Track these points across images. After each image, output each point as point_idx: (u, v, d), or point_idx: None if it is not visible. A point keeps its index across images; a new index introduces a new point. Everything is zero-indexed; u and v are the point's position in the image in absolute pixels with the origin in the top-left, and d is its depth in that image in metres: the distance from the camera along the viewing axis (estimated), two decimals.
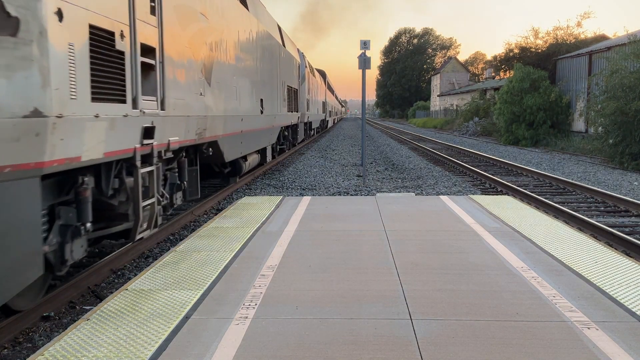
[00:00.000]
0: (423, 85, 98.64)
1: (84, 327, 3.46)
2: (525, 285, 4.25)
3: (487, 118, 41.57)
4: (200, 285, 4.28)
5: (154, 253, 7.13)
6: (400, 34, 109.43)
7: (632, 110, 18.43)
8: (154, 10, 5.70)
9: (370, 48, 13.62)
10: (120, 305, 3.85)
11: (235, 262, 4.95)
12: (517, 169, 16.71)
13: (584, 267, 4.70)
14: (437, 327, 3.45)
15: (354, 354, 3.08)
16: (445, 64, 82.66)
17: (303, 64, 24.62)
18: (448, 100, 66.82)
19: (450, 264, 4.83)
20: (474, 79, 79.16)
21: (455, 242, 5.64)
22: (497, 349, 3.13)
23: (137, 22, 5.17)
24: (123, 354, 3.07)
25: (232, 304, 3.87)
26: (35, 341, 4.44)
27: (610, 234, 7.68)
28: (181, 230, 8.40)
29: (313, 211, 7.47)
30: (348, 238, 5.87)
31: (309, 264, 4.88)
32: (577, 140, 26.70)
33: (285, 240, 5.78)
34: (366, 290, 4.16)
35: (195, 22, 7.19)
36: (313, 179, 14.59)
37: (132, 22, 5.09)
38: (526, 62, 33.61)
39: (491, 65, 54.47)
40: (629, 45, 20.87)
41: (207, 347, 3.17)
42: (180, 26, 6.56)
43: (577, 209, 10.02)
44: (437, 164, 19.42)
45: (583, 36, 37.30)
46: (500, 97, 32.63)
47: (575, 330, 3.38)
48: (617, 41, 26.88)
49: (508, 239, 5.77)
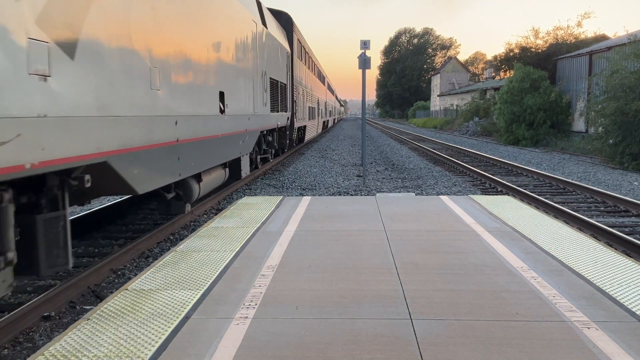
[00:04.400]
0: (423, 85, 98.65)
1: (84, 327, 3.46)
2: (525, 285, 4.25)
3: (487, 118, 41.58)
4: (201, 285, 4.28)
5: (154, 253, 7.13)
6: (400, 34, 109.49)
7: (632, 110, 18.44)
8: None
9: (370, 48, 13.62)
10: (121, 305, 3.86)
11: (235, 262, 4.95)
12: (517, 169, 16.71)
13: (584, 267, 4.70)
14: (437, 327, 3.45)
15: (354, 354, 3.08)
16: (446, 64, 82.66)
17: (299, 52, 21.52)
18: (448, 100, 66.80)
19: (450, 264, 4.83)
20: (474, 79, 79.13)
21: (455, 242, 5.64)
22: (497, 349, 3.13)
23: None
24: (123, 354, 3.07)
25: (232, 304, 3.87)
26: (35, 341, 4.45)
27: (610, 234, 7.68)
28: (181, 230, 8.41)
29: (313, 211, 7.47)
30: (348, 238, 5.87)
31: (309, 264, 4.88)
32: (577, 140, 26.71)
33: (285, 240, 5.78)
34: (366, 290, 4.16)
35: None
36: (313, 179, 14.59)
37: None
38: (526, 62, 33.61)
39: (491, 65, 54.42)
40: (629, 45, 20.88)
41: (207, 347, 3.17)
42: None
43: (577, 209, 10.02)
44: (437, 164, 19.42)
45: (583, 36, 37.30)
46: (500, 97, 32.64)
47: (575, 330, 3.38)
48: (617, 41, 26.87)
49: (508, 239, 5.77)
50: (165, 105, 6.24)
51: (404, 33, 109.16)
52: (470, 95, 51.59)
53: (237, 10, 10.18)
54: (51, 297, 5.02)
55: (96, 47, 4.65)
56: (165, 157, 6.27)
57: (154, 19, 5.90)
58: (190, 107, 7.09)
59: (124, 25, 5.20)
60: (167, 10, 6.32)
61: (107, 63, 4.84)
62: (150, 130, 5.80)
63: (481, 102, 44.76)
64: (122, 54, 5.16)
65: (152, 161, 5.91)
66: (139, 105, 5.52)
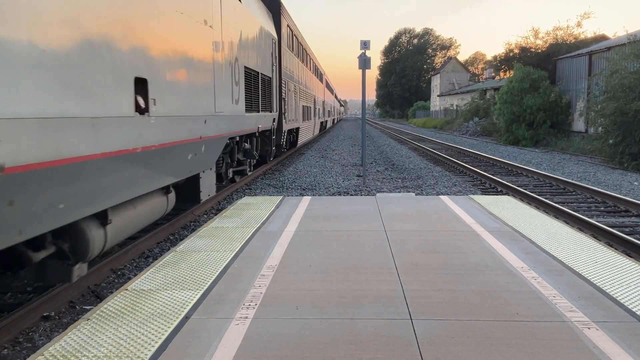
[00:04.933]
0: (423, 86, 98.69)
1: (84, 327, 3.46)
2: (525, 285, 4.25)
3: (487, 118, 41.59)
4: (200, 285, 4.28)
5: (154, 253, 7.13)
6: (400, 34, 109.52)
7: (632, 110, 18.44)
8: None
9: (370, 48, 13.63)
10: (120, 305, 3.85)
11: (236, 262, 4.95)
12: (517, 169, 16.71)
13: (584, 267, 4.70)
14: (437, 327, 3.44)
15: (354, 354, 3.08)
16: (445, 64, 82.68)
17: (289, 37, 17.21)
18: (448, 100, 66.81)
19: (450, 264, 4.83)
20: (474, 79, 79.17)
21: (455, 242, 5.64)
22: (497, 349, 3.13)
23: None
24: (123, 354, 3.07)
25: (232, 304, 3.87)
26: (35, 341, 4.45)
27: (611, 234, 7.68)
28: (181, 230, 8.41)
29: (313, 211, 7.47)
30: (348, 238, 5.87)
31: (309, 264, 4.88)
32: (577, 140, 26.72)
33: (285, 240, 5.78)
34: (366, 290, 4.15)
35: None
36: (313, 179, 14.59)
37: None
38: (526, 62, 33.63)
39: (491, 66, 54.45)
40: (628, 46, 20.89)
41: (207, 347, 3.17)
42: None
43: (577, 209, 10.02)
44: (437, 164, 19.42)
45: (583, 36, 37.32)
46: (500, 97, 32.65)
47: (575, 330, 3.38)
48: (617, 41, 26.88)
49: (508, 239, 5.77)
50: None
51: (404, 33, 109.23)
52: (470, 95, 51.61)
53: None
54: (51, 297, 5.02)
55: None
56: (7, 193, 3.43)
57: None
58: (40, 103, 3.71)
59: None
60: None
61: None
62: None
63: (481, 102, 44.77)
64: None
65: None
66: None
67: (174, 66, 6.34)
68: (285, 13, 17.52)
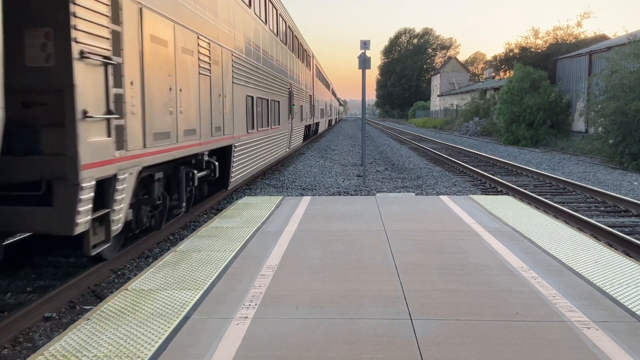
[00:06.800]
0: (423, 85, 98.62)
1: (84, 327, 3.46)
2: (525, 285, 4.25)
3: (487, 118, 41.57)
4: (200, 285, 4.28)
5: (154, 253, 7.13)
6: (400, 34, 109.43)
7: (632, 110, 18.44)
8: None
9: (370, 48, 13.62)
10: (121, 305, 3.85)
11: (235, 262, 4.95)
12: (517, 169, 16.71)
13: (584, 267, 4.70)
14: (437, 327, 3.44)
15: (354, 354, 3.08)
16: (445, 64, 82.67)
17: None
18: (448, 100, 66.79)
19: (450, 264, 4.83)
20: (474, 79, 79.14)
21: (455, 242, 5.64)
22: (497, 349, 3.13)
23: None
24: (123, 354, 3.07)
25: (232, 304, 3.87)
26: (35, 341, 4.44)
27: (610, 234, 7.68)
28: (181, 230, 8.41)
29: (313, 211, 7.47)
30: (348, 238, 5.87)
31: (309, 264, 4.88)
32: (577, 140, 26.71)
33: (285, 240, 5.78)
34: (366, 290, 4.15)
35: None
36: (313, 179, 14.59)
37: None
38: (526, 62, 33.62)
39: (491, 65, 54.47)
40: (628, 46, 20.88)
41: (207, 347, 3.17)
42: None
43: (577, 209, 10.02)
44: (437, 164, 19.42)
45: (583, 36, 37.35)
46: (500, 97, 32.65)
47: (575, 330, 3.38)
48: (617, 41, 26.87)
49: (508, 239, 5.77)
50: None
51: (403, 33, 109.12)
52: (470, 95, 51.59)
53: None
54: (51, 297, 5.02)
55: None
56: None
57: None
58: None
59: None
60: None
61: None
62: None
63: (481, 102, 44.76)
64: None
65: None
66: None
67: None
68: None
